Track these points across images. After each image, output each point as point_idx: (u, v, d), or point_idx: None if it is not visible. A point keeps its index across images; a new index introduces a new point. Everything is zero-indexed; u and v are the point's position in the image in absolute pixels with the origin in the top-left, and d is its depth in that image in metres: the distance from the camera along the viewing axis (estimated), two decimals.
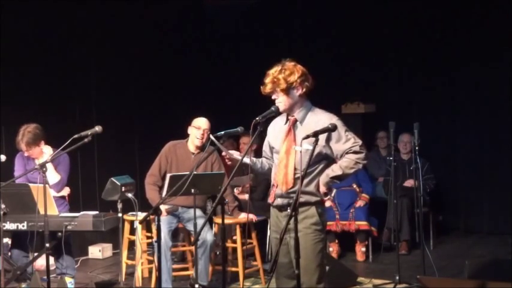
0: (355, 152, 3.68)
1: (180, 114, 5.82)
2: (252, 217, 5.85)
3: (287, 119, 3.82)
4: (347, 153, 3.69)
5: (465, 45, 7.80)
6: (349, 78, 8.43)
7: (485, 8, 7.54)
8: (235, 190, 6.74)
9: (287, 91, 3.71)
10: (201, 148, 5.69)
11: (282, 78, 3.69)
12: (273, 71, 3.74)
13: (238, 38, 8.86)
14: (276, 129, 3.88)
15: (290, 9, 8.54)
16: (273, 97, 3.76)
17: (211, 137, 3.80)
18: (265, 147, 3.99)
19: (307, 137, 3.46)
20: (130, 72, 7.77)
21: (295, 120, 3.77)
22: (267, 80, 3.74)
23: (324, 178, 3.71)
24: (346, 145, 3.69)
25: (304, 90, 3.74)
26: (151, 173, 5.69)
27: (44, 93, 6.87)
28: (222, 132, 3.86)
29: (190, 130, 5.70)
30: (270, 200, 3.87)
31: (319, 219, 3.72)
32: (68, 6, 6.98)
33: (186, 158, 5.67)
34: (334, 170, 3.70)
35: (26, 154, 5.50)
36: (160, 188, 5.65)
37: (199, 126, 5.64)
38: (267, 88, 3.74)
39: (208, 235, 5.39)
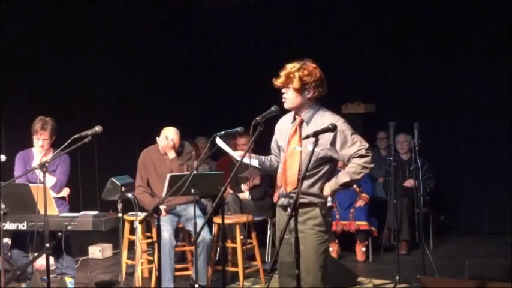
0: (361, 156, 3.66)
1: (180, 114, 5.82)
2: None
3: (294, 118, 3.81)
4: (353, 157, 3.66)
5: (465, 46, 7.80)
6: (349, 78, 8.42)
7: (485, 9, 7.54)
8: (242, 186, 6.73)
9: (299, 90, 3.67)
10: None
11: (298, 76, 3.65)
12: (291, 66, 3.69)
13: (238, 38, 8.86)
14: (283, 128, 3.86)
15: (290, 9, 8.53)
16: (282, 90, 3.73)
17: (217, 138, 3.80)
18: (273, 145, 3.96)
19: (307, 137, 3.45)
20: (130, 72, 7.77)
21: (302, 121, 3.76)
22: (282, 73, 3.70)
23: (332, 185, 3.70)
24: (351, 149, 3.66)
25: (315, 94, 3.71)
26: (137, 184, 5.72)
27: (44, 93, 6.87)
28: (222, 132, 3.86)
29: (159, 143, 5.75)
30: (274, 199, 3.87)
31: (322, 220, 3.70)
32: (68, 6, 6.98)
33: (162, 161, 5.74)
34: (342, 177, 3.68)
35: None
36: (152, 195, 5.70)
37: (164, 152, 5.67)
38: (279, 81, 3.70)
39: (206, 234, 5.40)
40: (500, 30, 7.50)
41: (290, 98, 3.71)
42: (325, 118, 3.71)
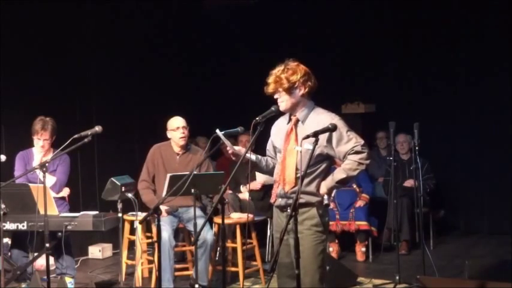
0: (357, 152, 3.66)
1: (180, 114, 5.81)
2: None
3: (289, 119, 3.82)
4: (349, 154, 3.67)
5: (465, 46, 7.81)
6: (349, 78, 8.43)
7: (485, 10, 7.54)
8: (241, 187, 6.75)
9: (289, 90, 3.70)
10: (186, 147, 5.72)
11: (285, 77, 3.68)
12: (276, 71, 3.73)
13: (238, 39, 8.86)
14: (279, 129, 3.88)
15: (290, 9, 8.54)
16: (275, 96, 3.75)
17: (217, 131, 3.80)
18: (269, 147, 3.98)
19: (307, 137, 3.45)
20: (130, 72, 7.77)
21: (297, 120, 3.77)
22: (270, 79, 3.72)
23: (328, 182, 3.70)
24: (347, 146, 3.67)
25: (306, 90, 3.73)
26: (142, 178, 5.72)
27: (44, 93, 6.87)
28: (222, 132, 3.86)
29: (170, 134, 5.74)
30: (271, 200, 3.87)
31: (319, 220, 3.70)
32: (68, 6, 6.98)
33: (171, 159, 5.72)
34: (338, 174, 3.69)
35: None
36: (154, 191, 5.70)
37: (176, 127, 5.68)
38: (270, 88, 3.73)
39: (208, 235, 5.40)
40: (500, 30, 7.50)
41: (284, 100, 3.72)
42: (320, 116, 3.72)
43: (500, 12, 7.42)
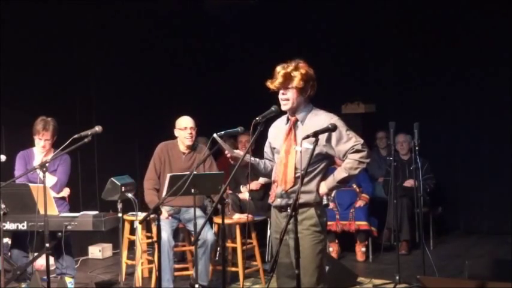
0: (357, 151, 3.66)
1: (180, 115, 5.82)
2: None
3: (288, 120, 3.82)
4: (349, 153, 3.67)
5: (465, 46, 7.80)
6: (349, 78, 8.43)
7: (486, 9, 7.54)
8: (242, 188, 6.76)
9: (300, 90, 3.68)
10: (192, 147, 5.72)
11: (300, 75, 3.65)
12: (286, 66, 3.69)
13: (238, 38, 8.86)
14: (278, 130, 3.87)
15: (291, 10, 8.53)
16: (281, 91, 3.71)
17: (215, 135, 3.80)
18: (267, 149, 3.97)
19: (307, 137, 3.45)
20: (130, 72, 7.77)
21: (296, 120, 3.76)
22: (280, 73, 3.67)
23: (329, 183, 3.70)
24: (347, 144, 3.67)
25: (312, 93, 3.74)
26: (148, 177, 5.71)
27: (44, 93, 6.87)
28: (222, 132, 3.86)
29: (177, 132, 5.75)
30: (270, 200, 3.87)
31: (318, 220, 3.70)
32: (69, 6, 6.98)
33: (178, 158, 5.73)
34: (340, 173, 3.69)
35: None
36: (158, 191, 5.68)
37: (184, 126, 5.69)
38: (278, 82, 3.68)
39: (208, 235, 5.40)
40: (500, 30, 7.50)
41: (292, 98, 3.69)
42: (319, 117, 3.72)
43: (501, 12, 7.42)
